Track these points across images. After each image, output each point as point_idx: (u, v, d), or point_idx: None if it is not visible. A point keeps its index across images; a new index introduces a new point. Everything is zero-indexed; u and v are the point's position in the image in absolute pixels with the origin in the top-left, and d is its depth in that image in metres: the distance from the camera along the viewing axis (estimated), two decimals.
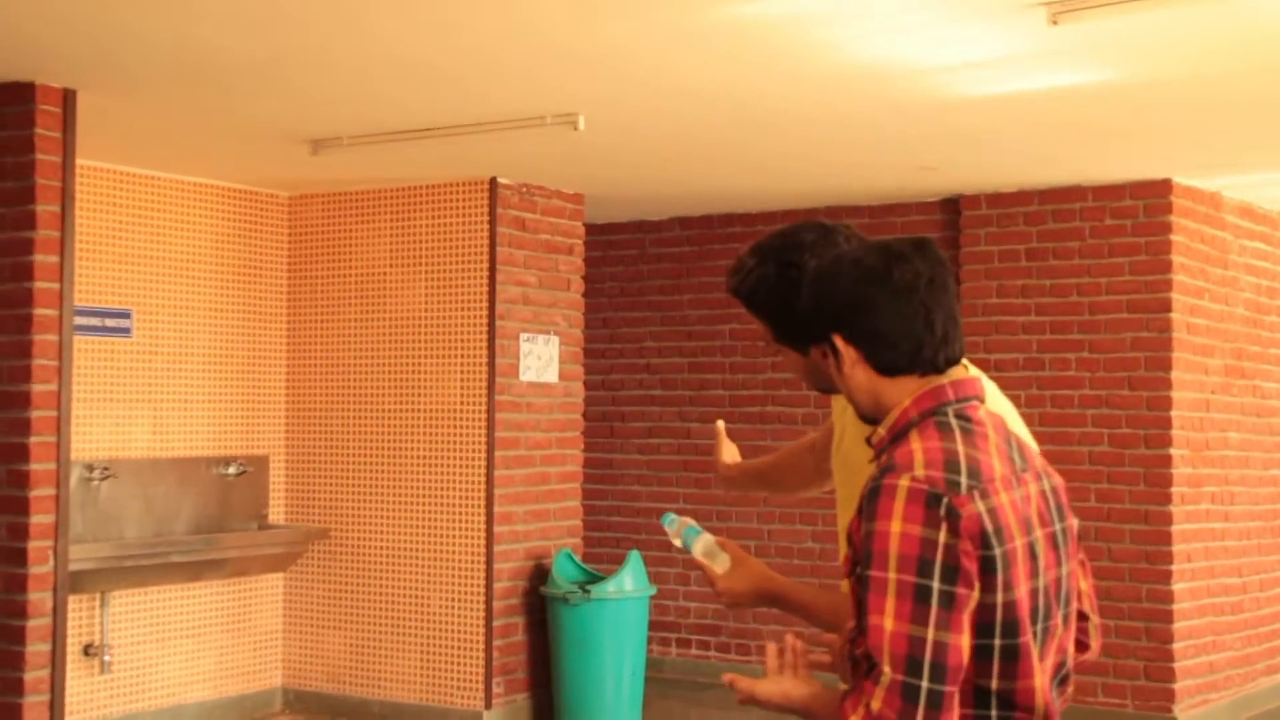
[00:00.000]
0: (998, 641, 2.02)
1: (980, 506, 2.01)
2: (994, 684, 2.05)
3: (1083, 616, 2.25)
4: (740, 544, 2.64)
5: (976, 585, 2.00)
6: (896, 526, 2.00)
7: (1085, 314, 7.37)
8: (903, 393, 2.17)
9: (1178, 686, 7.13)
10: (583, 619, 7.04)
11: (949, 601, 1.97)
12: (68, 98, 5.50)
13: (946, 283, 2.17)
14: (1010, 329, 7.54)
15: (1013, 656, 2.03)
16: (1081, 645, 2.25)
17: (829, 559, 8.03)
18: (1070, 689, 2.20)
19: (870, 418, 2.24)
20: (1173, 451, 7.17)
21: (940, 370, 2.16)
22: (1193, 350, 7.35)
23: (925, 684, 1.96)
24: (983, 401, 2.20)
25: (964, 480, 2.03)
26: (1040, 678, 2.06)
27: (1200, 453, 7.38)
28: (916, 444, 2.08)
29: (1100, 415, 7.31)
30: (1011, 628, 2.02)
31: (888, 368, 2.16)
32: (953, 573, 1.98)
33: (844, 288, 2.18)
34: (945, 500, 2.00)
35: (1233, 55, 4.93)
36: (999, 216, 7.62)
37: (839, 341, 2.18)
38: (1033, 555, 2.06)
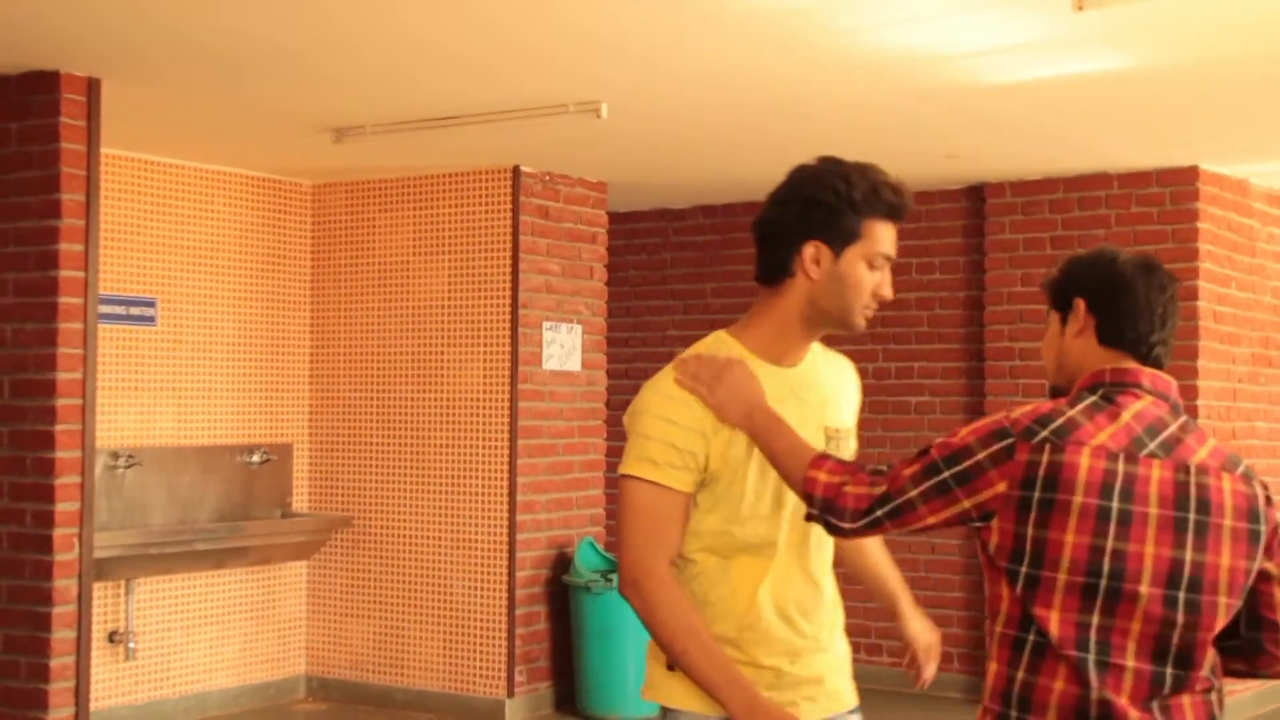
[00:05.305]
0: (1024, 569, 2.34)
1: (1041, 457, 2.33)
2: (1027, 608, 2.35)
3: (1273, 626, 2.47)
4: None
5: (972, 501, 2.37)
6: (964, 431, 2.42)
7: None
8: (1090, 365, 2.48)
9: None
10: (605, 608, 7.04)
11: (943, 490, 2.38)
12: (92, 86, 5.52)
13: (1178, 304, 2.53)
14: (1035, 318, 7.50)
15: (1032, 584, 2.34)
16: (1272, 656, 2.50)
17: None
18: (1199, 673, 2.36)
19: (1053, 386, 2.58)
20: None
21: (1145, 359, 2.46)
22: (1219, 339, 7.30)
23: (881, 511, 2.42)
24: (1152, 392, 2.42)
25: (1044, 432, 2.35)
26: (1059, 613, 2.32)
27: (1227, 442, 7.34)
28: (1044, 404, 2.43)
29: None
30: (1037, 560, 2.33)
31: (1112, 338, 2.47)
32: (964, 478, 2.37)
33: (1108, 267, 2.49)
34: (1011, 440, 2.36)
35: (1260, 40, 4.89)
36: (1024, 204, 7.58)
37: (1082, 306, 2.50)
38: (1102, 517, 2.30)
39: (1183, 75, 5.35)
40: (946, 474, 2.38)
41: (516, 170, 7.17)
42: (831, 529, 2.46)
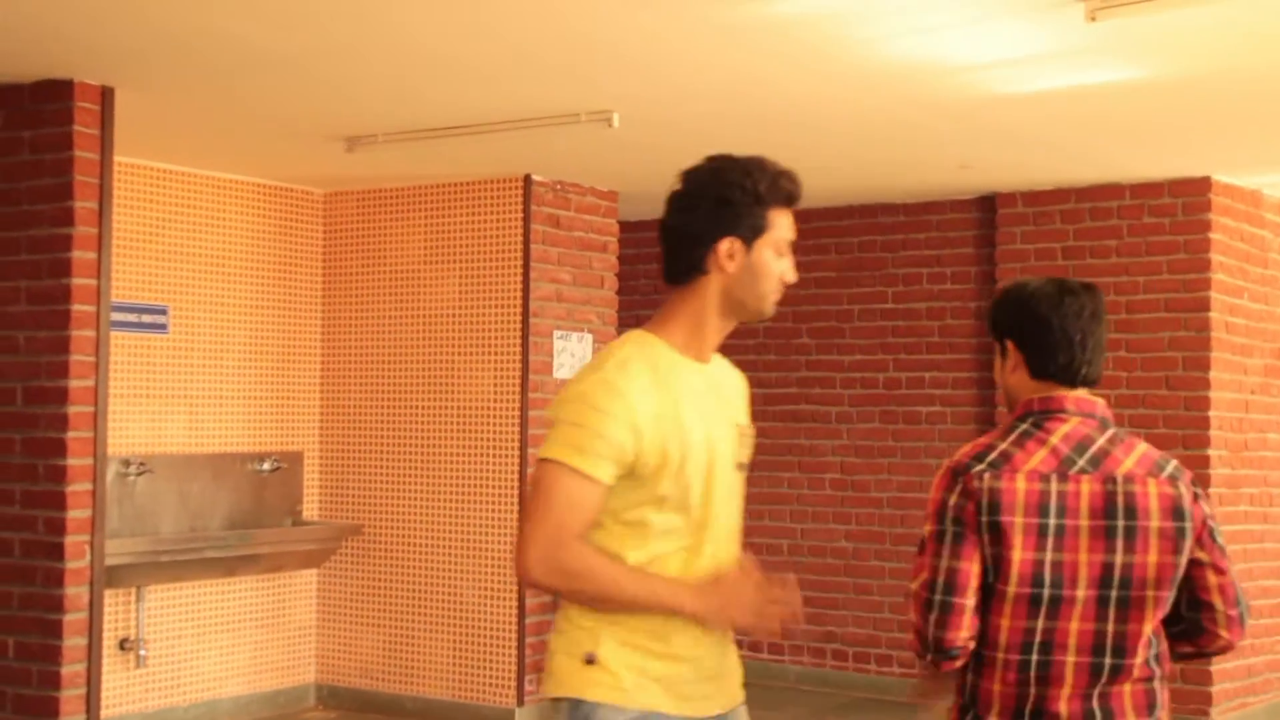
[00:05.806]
0: (988, 581, 2.62)
1: (984, 484, 2.62)
2: (985, 618, 2.63)
3: (1209, 607, 2.71)
4: (773, 542, 2.75)
5: (979, 535, 2.61)
6: (932, 494, 2.69)
7: (1122, 313, 7.32)
8: (1025, 397, 2.74)
9: (1215, 689, 7.07)
10: None
11: (959, 539, 2.62)
12: (105, 95, 5.53)
13: (1102, 316, 2.76)
14: None
15: (989, 595, 2.63)
16: (1212, 634, 2.73)
17: (863, 558, 8.00)
18: (1134, 661, 2.62)
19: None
20: (1211, 452, 7.11)
21: (1074, 384, 2.72)
22: (1232, 350, 7.28)
23: (938, 596, 2.62)
24: (1077, 414, 2.69)
25: (980, 465, 2.64)
26: (1009, 620, 2.61)
27: (1239, 453, 7.32)
28: (983, 438, 2.72)
29: (1137, 415, 7.26)
30: (995, 574, 2.61)
31: (1040, 372, 2.72)
32: (959, 521, 2.63)
33: (1024, 306, 2.74)
34: (960, 476, 2.65)
35: (1273, 50, 4.88)
36: (1035, 215, 7.57)
37: (1011, 346, 2.77)
38: (1041, 533, 2.60)
39: (1195, 86, 5.34)
40: (949, 528, 2.63)
41: (528, 179, 7.18)
42: (926, 645, 2.66)
